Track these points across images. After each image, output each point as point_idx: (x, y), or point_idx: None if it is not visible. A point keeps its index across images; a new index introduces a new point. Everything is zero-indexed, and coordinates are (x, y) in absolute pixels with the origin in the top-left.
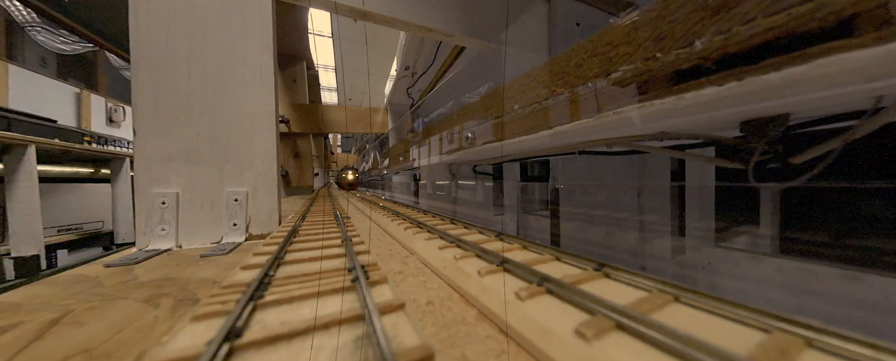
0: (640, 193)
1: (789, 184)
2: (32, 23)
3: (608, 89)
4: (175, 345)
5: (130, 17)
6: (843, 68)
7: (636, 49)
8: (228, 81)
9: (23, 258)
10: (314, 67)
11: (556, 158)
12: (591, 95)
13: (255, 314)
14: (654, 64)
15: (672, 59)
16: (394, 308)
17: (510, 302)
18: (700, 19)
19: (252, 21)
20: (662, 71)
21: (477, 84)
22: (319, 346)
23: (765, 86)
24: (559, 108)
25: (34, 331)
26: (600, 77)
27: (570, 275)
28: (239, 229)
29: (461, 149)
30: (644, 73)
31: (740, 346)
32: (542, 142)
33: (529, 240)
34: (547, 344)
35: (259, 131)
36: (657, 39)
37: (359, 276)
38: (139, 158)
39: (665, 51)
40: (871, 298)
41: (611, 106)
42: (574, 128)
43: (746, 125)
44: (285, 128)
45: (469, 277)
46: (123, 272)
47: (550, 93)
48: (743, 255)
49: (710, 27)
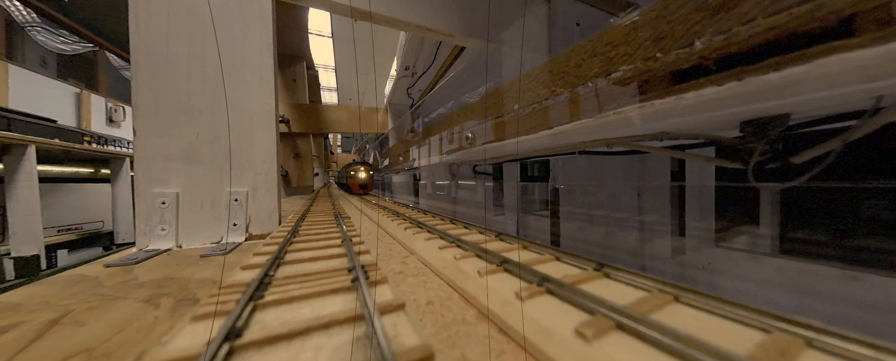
0: (640, 193)
1: (789, 184)
2: (32, 23)
3: (608, 89)
4: (175, 345)
5: (130, 17)
6: (843, 68)
7: (636, 49)
8: (228, 81)
9: (23, 258)
10: (314, 67)
11: (556, 158)
12: (591, 95)
13: (255, 314)
14: (654, 64)
15: (672, 59)
16: (394, 308)
17: (510, 303)
18: (700, 19)
19: (252, 21)
20: (662, 71)
21: (477, 84)
22: (319, 346)
23: (765, 86)
24: (559, 108)
25: (34, 331)
26: (600, 77)
27: (570, 275)
28: (239, 229)
29: (461, 149)
30: (644, 73)
31: (740, 346)
32: (542, 142)
33: (529, 240)
34: (547, 344)
35: (259, 131)
36: (657, 39)
37: (359, 276)
38: (139, 158)
39: (665, 51)
40: (871, 298)
41: (611, 106)
42: (574, 128)
43: (746, 125)
44: (285, 128)
45: (469, 277)
46: (123, 272)
47: (550, 93)
48: (743, 255)
49: (710, 27)
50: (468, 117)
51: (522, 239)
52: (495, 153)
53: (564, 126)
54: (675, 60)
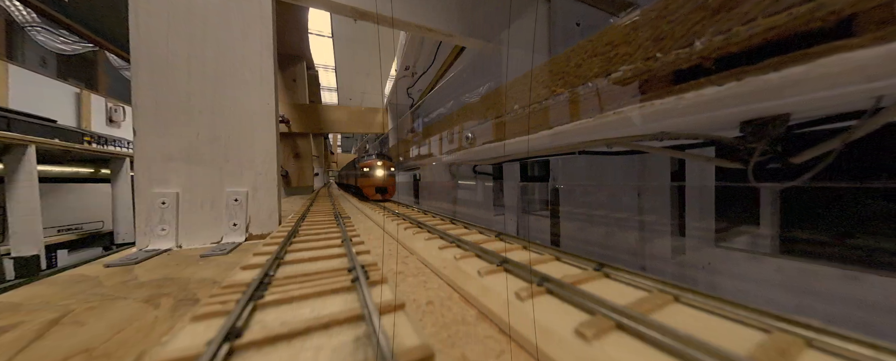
0: (640, 193)
1: (789, 184)
2: (32, 23)
3: (608, 89)
4: (175, 345)
5: (130, 17)
6: (843, 68)
7: (636, 49)
8: (228, 81)
9: (23, 258)
10: (314, 67)
11: (556, 158)
12: (592, 95)
13: (255, 314)
14: (654, 64)
15: (672, 59)
16: (394, 308)
17: (510, 303)
18: (700, 19)
19: (252, 21)
20: (662, 71)
21: (477, 84)
22: (319, 346)
23: (765, 86)
24: (559, 108)
25: (34, 331)
26: (600, 77)
27: (570, 275)
28: (239, 229)
29: (461, 149)
30: (644, 73)
31: (740, 346)
32: (542, 142)
33: (529, 240)
34: (547, 344)
35: (259, 131)
36: (657, 39)
37: (359, 276)
38: (139, 158)
39: (665, 51)
40: (871, 298)
41: (611, 106)
42: (574, 128)
43: (746, 125)
44: (285, 128)
45: (469, 277)
46: (123, 272)
47: (550, 93)
48: (743, 255)
49: (710, 27)
50: (468, 117)
51: (522, 238)
52: (495, 153)
53: (564, 126)
54: (675, 60)
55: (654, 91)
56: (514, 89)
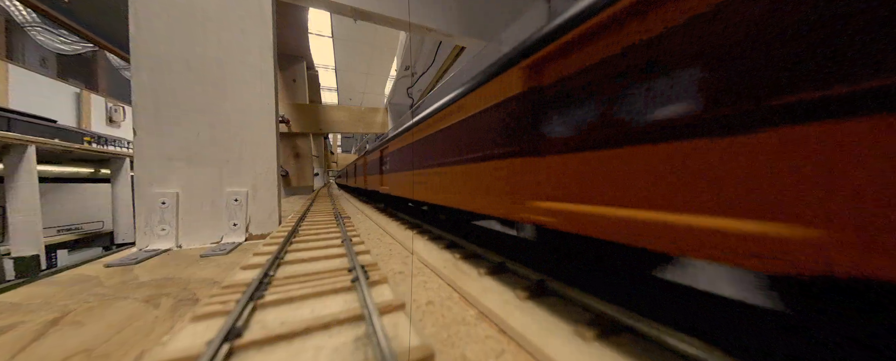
0: None
1: None
2: (32, 23)
3: None
4: (175, 345)
5: (130, 17)
6: None
7: None
8: (228, 81)
9: (23, 258)
10: (314, 67)
11: None
12: None
13: (255, 314)
14: None
15: None
16: (394, 308)
17: (510, 302)
18: None
19: (252, 21)
20: None
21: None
22: (319, 346)
23: None
24: None
25: (34, 331)
26: None
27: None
28: (239, 229)
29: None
30: None
31: None
32: None
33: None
34: (547, 344)
35: (259, 131)
36: None
37: (359, 276)
38: (139, 158)
39: None
40: None
41: None
42: None
43: None
44: (285, 128)
45: (469, 277)
46: (123, 272)
47: None
48: None
49: None
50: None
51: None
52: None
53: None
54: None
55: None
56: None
